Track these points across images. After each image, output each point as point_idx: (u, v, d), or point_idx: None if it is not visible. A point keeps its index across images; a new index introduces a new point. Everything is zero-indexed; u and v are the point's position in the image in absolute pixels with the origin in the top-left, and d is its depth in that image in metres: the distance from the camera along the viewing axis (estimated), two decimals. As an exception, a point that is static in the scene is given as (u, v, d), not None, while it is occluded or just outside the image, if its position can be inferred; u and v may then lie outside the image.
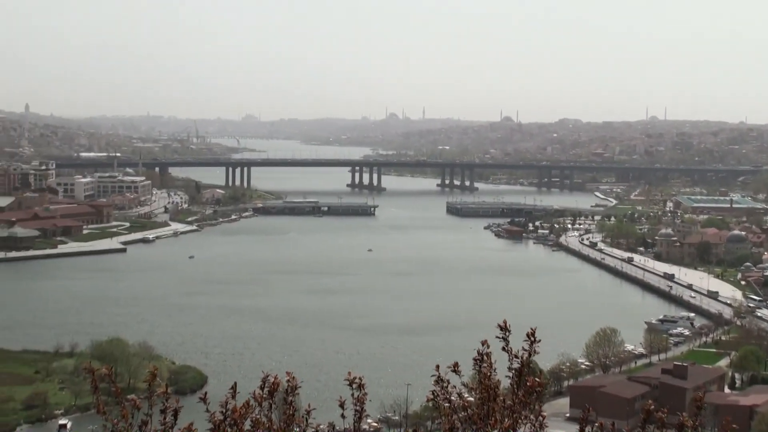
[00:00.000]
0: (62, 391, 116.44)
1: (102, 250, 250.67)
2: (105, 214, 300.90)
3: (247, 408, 9.44)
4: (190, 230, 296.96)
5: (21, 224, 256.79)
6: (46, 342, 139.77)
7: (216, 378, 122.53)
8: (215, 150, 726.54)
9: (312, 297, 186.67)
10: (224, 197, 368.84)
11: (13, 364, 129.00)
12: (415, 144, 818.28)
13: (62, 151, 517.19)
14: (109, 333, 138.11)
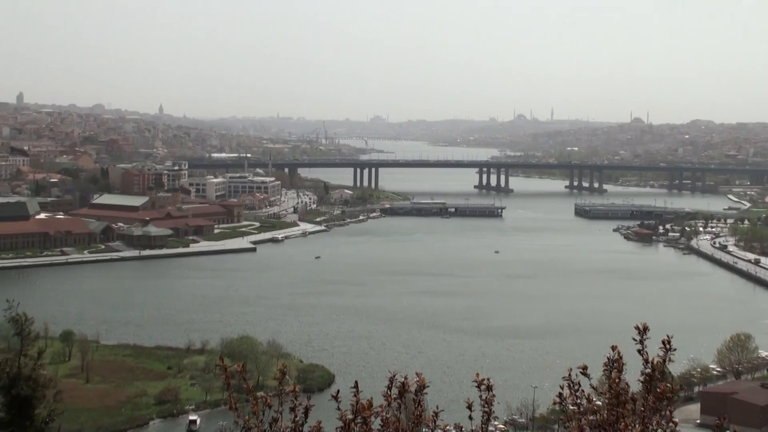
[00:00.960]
0: (193, 387, 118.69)
1: (232, 250, 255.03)
2: (236, 214, 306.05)
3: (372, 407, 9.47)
4: (318, 230, 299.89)
5: (155, 223, 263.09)
6: (177, 339, 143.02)
7: (343, 377, 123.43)
8: (344, 151, 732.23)
9: (436, 298, 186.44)
10: (352, 198, 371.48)
11: (147, 359, 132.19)
12: (543, 145, 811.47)
13: (194, 152, 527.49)
14: (238, 331, 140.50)
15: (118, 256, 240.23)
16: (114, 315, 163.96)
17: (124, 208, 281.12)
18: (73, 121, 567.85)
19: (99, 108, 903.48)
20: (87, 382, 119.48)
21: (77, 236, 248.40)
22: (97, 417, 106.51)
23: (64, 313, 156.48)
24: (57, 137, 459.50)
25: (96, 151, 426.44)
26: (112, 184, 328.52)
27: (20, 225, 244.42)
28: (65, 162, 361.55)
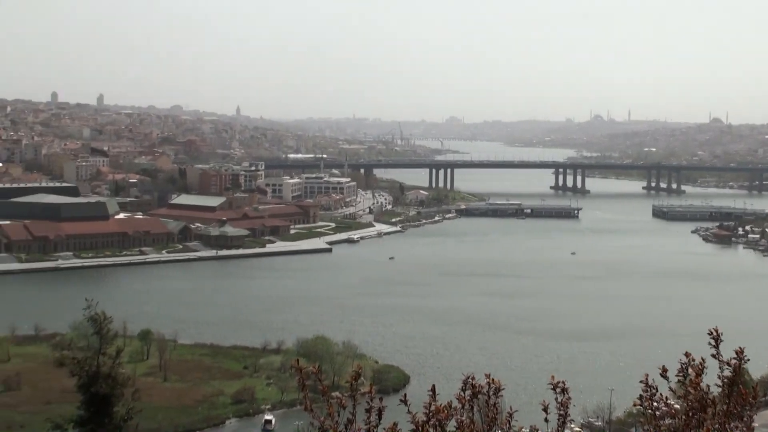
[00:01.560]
0: (269, 386, 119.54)
1: (308, 250, 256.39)
2: (311, 215, 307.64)
3: (449, 409, 9.43)
4: (393, 231, 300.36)
5: (231, 223, 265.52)
6: (253, 339, 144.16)
7: (418, 378, 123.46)
8: (419, 152, 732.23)
9: (510, 300, 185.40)
10: (428, 198, 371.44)
11: (223, 359, 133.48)
12: (620, 146, 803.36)
13: (271, 153, 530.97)
14: (313, 331, 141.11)
15: (196, 256, 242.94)
16: (190, 314, 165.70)
17: (201, 209, 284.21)
18: (151, 122, 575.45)
19: (177, 109, 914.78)
20: (164, 380, 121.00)
21: (155, 236, 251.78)
22: (174, 416, 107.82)
23: (142, 312, 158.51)
24: (136, 138, 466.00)
25: (174, 151, 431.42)
26: (190, 185, 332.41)
27: (100, 225, 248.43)
28: (144, 162, 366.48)
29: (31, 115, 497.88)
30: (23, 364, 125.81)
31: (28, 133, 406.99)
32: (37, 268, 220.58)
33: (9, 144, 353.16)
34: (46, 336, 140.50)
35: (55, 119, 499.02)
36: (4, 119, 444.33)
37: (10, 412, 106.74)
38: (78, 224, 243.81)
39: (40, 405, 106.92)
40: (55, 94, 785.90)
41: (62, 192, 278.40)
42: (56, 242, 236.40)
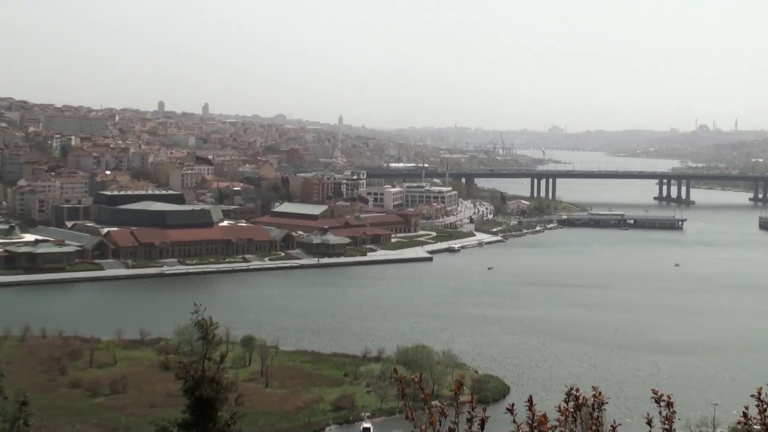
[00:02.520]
0: (369, 394, 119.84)
1: (409, 259, 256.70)
2: (413, 224, 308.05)
3: (548, 421, 9.37)
4: (494, 241, 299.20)
5: (333, 232, 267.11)
6: (354, 346, 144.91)
7: (517, 388, 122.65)
8: (521, 161, 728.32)
9: (610, 312, 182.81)
10: (529, 208, 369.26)
11: (324, 366, 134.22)
12: (727, 156, 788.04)
13: (373, 162, 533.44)
14: (413, 340, 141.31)
15: (298, 264, 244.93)
16: (292, 322, 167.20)
17: (303, 217, 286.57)
18: (255, 131, 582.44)
19: (281, 118, 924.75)
20: (266, 386, 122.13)
21: (258, 243, 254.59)
22: (275, 421, 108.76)
23: (244, 318, 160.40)
24: (240, 147, 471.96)
25: (277, 160, 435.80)
26: (293, 193, 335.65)
27: (204, 232, 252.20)
28: (248, 171, 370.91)
29: (139, 124, 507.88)
30: (129, 367, 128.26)
31: (136, 141, 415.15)
32: (143, 274, 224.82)
33: (117, 152, 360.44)
34: (151, 340, 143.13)
35: (162, 128, 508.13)
36: (113, 128, 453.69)
37: (116, 415, 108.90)
38: (183, 231, 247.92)
39: (144, 408, 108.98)
40: (162, 103, 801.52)
41: (168, 200, 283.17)
42: (162, 249, 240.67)
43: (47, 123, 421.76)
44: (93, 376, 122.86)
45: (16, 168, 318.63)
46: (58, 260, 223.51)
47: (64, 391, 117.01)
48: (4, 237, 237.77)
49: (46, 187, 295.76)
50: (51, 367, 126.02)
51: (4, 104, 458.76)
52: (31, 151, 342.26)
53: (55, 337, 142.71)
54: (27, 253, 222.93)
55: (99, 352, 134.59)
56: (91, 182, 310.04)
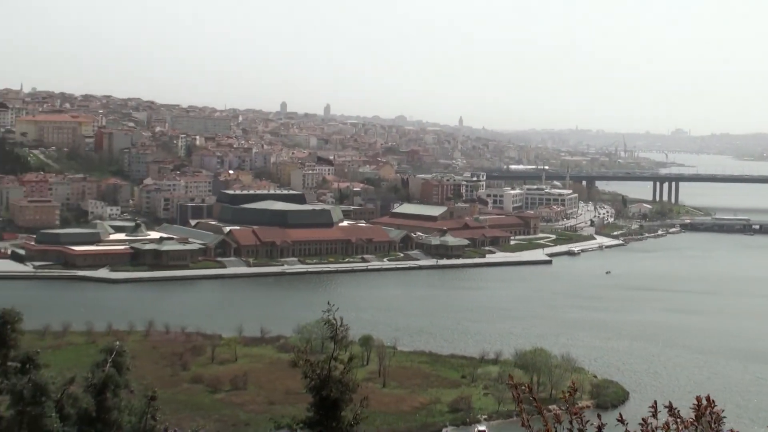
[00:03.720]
0: (486, 396, 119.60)
1: (528, 261, 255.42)
2: (532, 226, 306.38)
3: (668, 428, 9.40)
4: (614, 244, 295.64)
5: (452, 233, 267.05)
6: (471, 348, 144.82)
7: (637, 394, 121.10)
8: (642, 164, 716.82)
9: (734, 320, 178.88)
10: (651, 212, 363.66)
11: (441, 367, 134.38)
12: None
13: (492, 163, 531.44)
14: (530, 342, 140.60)
15: (416, 265, 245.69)
16: (409, 322, 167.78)
17: (422, 218, 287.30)
18: (376, 132, 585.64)
19: (401, 120, 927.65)
20: (383, 386, 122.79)
21: (377, 244, 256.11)
22: (392, 421, 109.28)
23: (361, 318, 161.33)
24: (361, 147, 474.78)
25: (397, 161, 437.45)
26: (412, 194, 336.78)
27: (325, 232, 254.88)
28: (368, 172, 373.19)
29: (262, 125, 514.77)
30: (250, 364, 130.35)
31: (258, 141, 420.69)
32: (263, 272, 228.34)
33: (240, 152, 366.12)
34: (271, 338, 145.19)
35: (284, 129, 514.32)
36: (236, 128, 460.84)
37: (236, 411, 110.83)
38: (304, 231, 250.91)
39: (264, 405, 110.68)
40: (284, 104, 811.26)
41: (289, 199, 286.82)
42: (282, 248, 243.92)
43: (173, 123, 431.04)
44: (214, 372, 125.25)
45: (143, 167, 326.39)
46: (182, 258, 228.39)
47: (185, 387, 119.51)
48: (130, 234, 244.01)
49: (172, 185, 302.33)
50: (174, 363, 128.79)
51: (132, 104, 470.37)
52: (157, 150, 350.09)
53: (178, 333, 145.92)
54: (152, 251, 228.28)
55: (220, 348, 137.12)
56: (215, 181, 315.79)
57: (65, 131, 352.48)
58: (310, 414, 15.97)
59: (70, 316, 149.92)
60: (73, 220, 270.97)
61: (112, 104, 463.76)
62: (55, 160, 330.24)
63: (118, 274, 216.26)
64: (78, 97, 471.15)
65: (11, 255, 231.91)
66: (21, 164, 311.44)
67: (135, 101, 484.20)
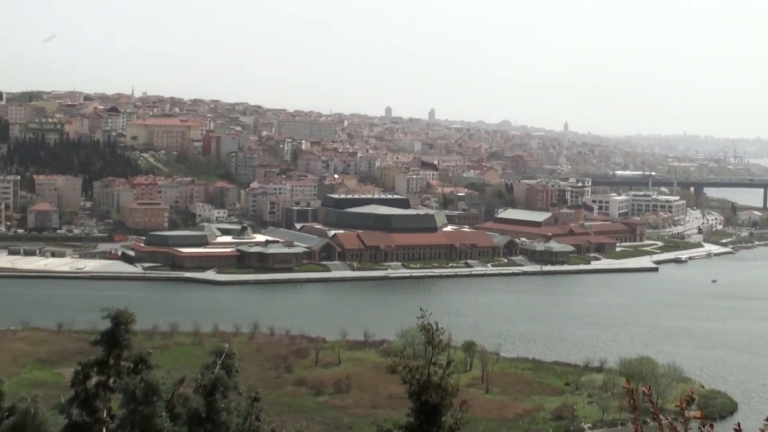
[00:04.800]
0: (590, 404, 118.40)
1: (634, 269, 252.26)
2: (638, 233, 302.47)
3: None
4: (723, 252, 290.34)
5: (557, 239, 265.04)
6: (575, 355, 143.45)
7: (745, 406, 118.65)
8: (753, 171, 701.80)
9: None
10: (762, 219, 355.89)
11: (545, 374, 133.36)
12: None
13: (598, 169, 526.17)
14: (634, 350, 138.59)
15: (520, 271, 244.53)
16: (510, 328, 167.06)
17: (526, 223, 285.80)
18: (480, 137, 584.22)
19: (506, 124, 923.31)
20: (486, 392, 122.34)
21: (481, 249, 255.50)
22: (495, 428, 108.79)
23: (463, 323, 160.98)
24: (465, 152, 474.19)
25: (501, 166, 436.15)
26: (516, 199, 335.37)
27: (428, 236, 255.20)
28: (472, 176, 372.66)
29: (367, 129, 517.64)
30: (353, 368, 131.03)
31: (363, 146, 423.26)
32: (367, 276, 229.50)
33: (345, 156, 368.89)
34: (375, 342, 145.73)
35: (389, 133, 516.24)
36: (342, 133, 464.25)
37: (339, 414, 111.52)
38: (408, 235, 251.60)
39: (367, 408, 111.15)
40: (389, 109, 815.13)
41: (393, 204, 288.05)
42: (386, 252, 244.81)
43: (280, 127, 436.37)
44: (318, 375, 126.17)
45: (250, 170, 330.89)
46: (287, 261, 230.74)
47: (289, 389, 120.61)
48: (236, 237, 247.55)
49: (277, 189, 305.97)
50: (278, 365, 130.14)
51: (239, 109, 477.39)
52: (263, 154, 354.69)
53: (282, 336, 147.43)
54: (258, 253, 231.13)
55: (324, 351, 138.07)
56: (320, 185, 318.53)
57: (174, 135, 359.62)
58: (410, 419, 16.03)
59: (177, 317, 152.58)
60: (181, 223, 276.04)
61: (220, 109, 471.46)
62: (165, 163, 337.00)
63: (225, 276, 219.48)
64: (187, 101, 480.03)
65: (121, 256, 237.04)
66: (131, 167, 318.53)
67: (242, 106, 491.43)
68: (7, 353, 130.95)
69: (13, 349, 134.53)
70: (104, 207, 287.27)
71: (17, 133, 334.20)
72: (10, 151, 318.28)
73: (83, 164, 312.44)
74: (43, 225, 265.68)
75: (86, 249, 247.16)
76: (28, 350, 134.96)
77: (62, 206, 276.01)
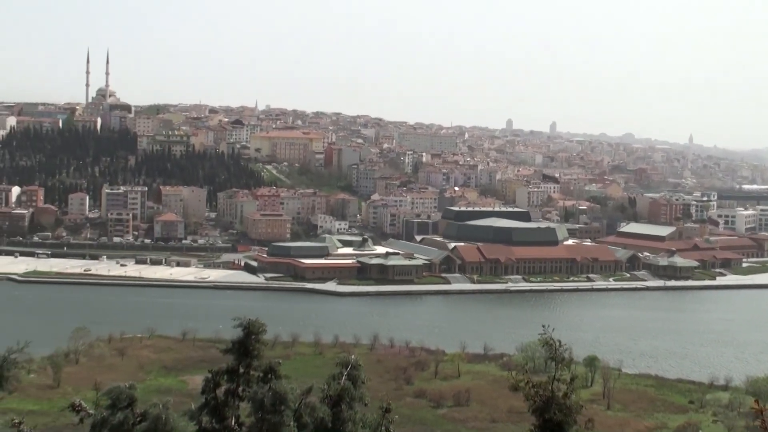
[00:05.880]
0: (715, 423, 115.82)
1: (761, 285, 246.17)
2: (766, 248, 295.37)
3: None
4: None
5: (681, 254, 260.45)
6: (699, 373, 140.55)
7: None
8: None
9: None
10: None
11: (668, 392, 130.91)
12: None
13: (724, 183, 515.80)
14: (761, 370, 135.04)
15: (643, 286, 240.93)
16: (631, 344, 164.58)
17: (649, 238, 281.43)
18: (602, 149, 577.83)
19: (629, 137, 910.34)
20: (607, 408, 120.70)
21: (603, 263, 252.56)
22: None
23: (584, 338, 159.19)
24: (587, 165, 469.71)
25: (624, 179, 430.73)
26: (639, 213, 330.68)
27: (549, 250, 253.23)
28: (594, 190, 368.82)
29: (487, 142, 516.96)
30: (472, 381, 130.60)
31: (484, 159, 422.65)
32: (487, 289, 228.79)
33: (466, 169, 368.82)
34: (494, 356, 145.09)
35: (509, 146, 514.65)
36: (462, 145, 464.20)
37: (459, 427, 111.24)
38: (528, 249, 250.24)
39: (486, 422, 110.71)
40: (510, 121, 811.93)
41: (514, 216, 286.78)
42: (507, 265, 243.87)
43: (400, 140, 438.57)
44: (437, 388, 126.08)
45: (371, 183, 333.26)
46: (407, 273, 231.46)
47: (409, 401, 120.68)
48: (357, 249, 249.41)
49: (398, 201, 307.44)
50: (398, 377, 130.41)
51: (360, 121, 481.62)
52: (384, 166, 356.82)
53: (402, 348, 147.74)
54: (378, 265, 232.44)
55: (444, 364, 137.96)
56: (440, 198, 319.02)
57: (297, 147, 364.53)
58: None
59: (298, 327, 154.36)
60: (302, 234, 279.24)
61: (341, 121, 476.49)
62: (287, 175, 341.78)
63: (345, 288, 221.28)
64: (309, 114, 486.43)
65: (244, 266, 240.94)
66: (255, 179, 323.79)
67: (364, 118, 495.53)
68: (134, 360, 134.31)
69: (140, 356, 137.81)
70: (228, 218, 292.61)
71: (145, 145, 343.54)
72: (138, 163, 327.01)
73: (208, 176, 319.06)
74: (168, 235, 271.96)
75: (210, 259, 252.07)
76: (153, 357, 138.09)
77: (187, 217, 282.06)
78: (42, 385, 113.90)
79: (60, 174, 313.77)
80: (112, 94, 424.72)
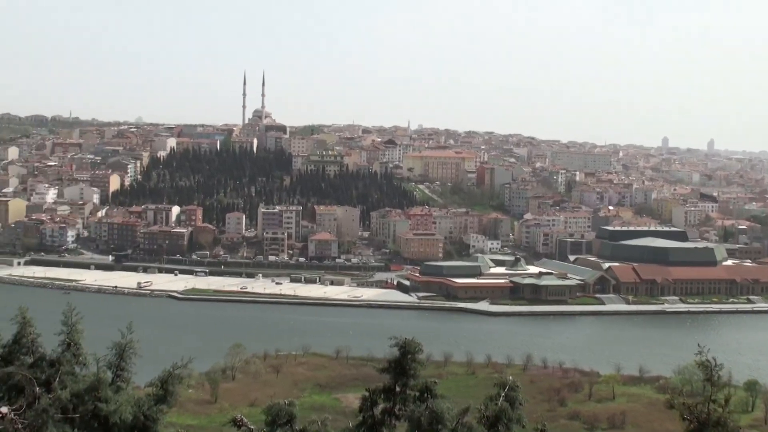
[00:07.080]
0: None
1: None
2: None
3: None
4: None
5: None
6: None
7: None
8: None
9: None
10: None
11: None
12: None
13: None
14: None
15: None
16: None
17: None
18: (763, 167, 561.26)
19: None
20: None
21: (765, 285, 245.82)
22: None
23: (742, 361, 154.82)
24: (746, 184, 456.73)
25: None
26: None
27: (707, 271, 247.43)
28: (754, 209, 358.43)
29: (642, 160, 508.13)
30: (627, 403, 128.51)
31: (639, 177, 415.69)
32: (643, 310, 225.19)
33: (620, 188, 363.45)
34: (650, 378, 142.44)
35: (666, 164, 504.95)
36: (617, 164, 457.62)
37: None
38: (685, 269, 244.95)
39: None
40: (665, 139, 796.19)
41: (670, 236, 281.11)
42: (663, 286, 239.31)
43: (553, 158, 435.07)
44: (592, 410, 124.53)
45: (523, 202, 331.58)
46: (561, 293, 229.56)
47: (562, 422, 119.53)
48: (510, 268, 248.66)
49: (551, 221, 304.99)
50: (551, 398, 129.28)
51: (513, 140, 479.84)
52: (537, 185, 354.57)
53: (555, 368, 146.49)
54: (531, 285, 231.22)
55: (598, 385, 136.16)
56: (594, 217, 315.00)
57: (449, 166, 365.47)
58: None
59: (450, 346, 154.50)
60: (455, 253, 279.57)
61: (494, 140, 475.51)
62: (439, 194, 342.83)
63: (498, 308, 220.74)
64: (461, 133, 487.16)
65: (397, 285, 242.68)
66: (407, 198, 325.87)
67: (516, 137, 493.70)
68: (288, 377, 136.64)
69: (295, 374, 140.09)
70: (381, 237, 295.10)
71: (299, 165, 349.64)
72: (293, 183, 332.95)
73: (361, 195, 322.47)
74: (323, 254, 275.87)
75: (363, 278, 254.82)
76: (308, 375, 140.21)
77: (341, 236, 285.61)
78: (200, 400, 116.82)
79: (218, 194, 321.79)
80: (267, 115, 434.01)
